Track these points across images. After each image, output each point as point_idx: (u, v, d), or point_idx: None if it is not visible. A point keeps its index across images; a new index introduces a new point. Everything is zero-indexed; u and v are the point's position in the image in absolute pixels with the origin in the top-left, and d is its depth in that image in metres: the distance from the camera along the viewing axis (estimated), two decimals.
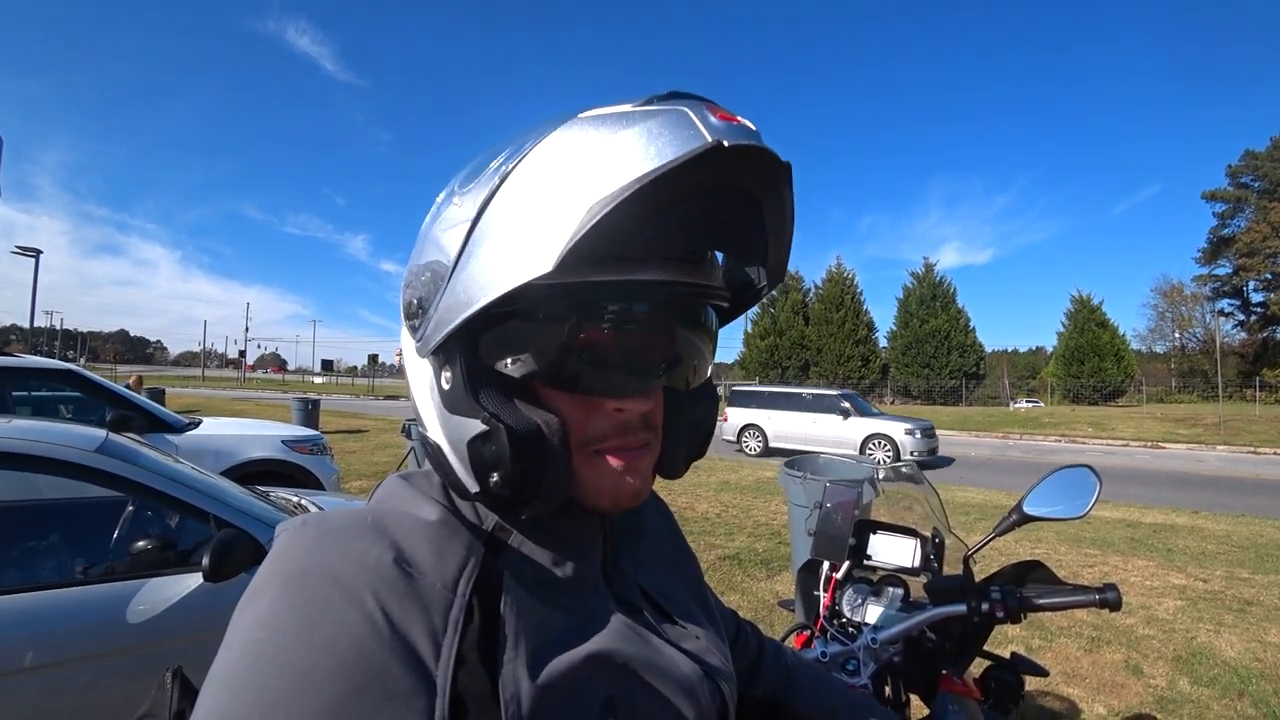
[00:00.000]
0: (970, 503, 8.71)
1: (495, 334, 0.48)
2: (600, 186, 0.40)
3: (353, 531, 0.46)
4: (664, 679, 0.53)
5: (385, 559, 0.44)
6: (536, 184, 0.43)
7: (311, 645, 0.38)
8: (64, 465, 2.17)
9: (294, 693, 0.36)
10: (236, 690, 0.37)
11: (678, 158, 0.39)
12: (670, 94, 0.44)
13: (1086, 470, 1.34)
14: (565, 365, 0.48)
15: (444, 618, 0.43)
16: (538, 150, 0.44)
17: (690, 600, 0.67)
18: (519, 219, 0.43)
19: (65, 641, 1.92)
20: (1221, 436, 21.78)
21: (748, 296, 0.58)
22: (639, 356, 0.50)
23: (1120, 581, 5.18)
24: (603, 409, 0.49)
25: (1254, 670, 3.59)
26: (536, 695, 0.44)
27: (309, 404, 14.57)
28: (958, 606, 1.20)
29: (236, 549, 2.08)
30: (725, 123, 0.42)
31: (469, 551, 0.48)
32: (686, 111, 0.42)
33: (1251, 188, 47.05)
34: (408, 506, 0.51)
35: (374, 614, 0.40)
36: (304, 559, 0.43)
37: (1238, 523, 7.89)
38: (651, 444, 0.53)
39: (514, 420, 0.46)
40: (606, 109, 0.44)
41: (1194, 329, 54.17)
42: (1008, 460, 15.40)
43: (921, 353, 43.49)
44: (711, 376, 0.60)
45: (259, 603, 0.41)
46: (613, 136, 0.41)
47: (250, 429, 5.97)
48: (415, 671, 0.40)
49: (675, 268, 0.48)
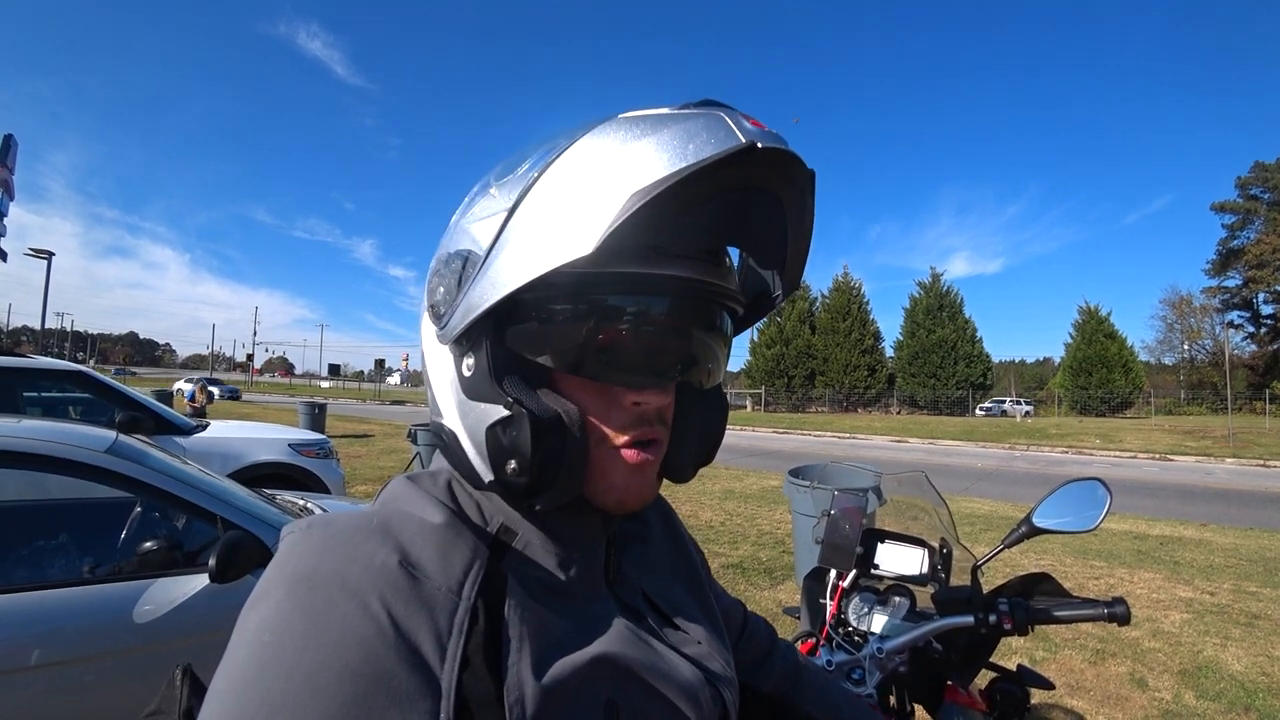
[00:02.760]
0: (976, 513, 8.66)
1: (520, 324, 0.49)
2: (641, 178, 0.42)
3: (358, 534, 0.46)
4: (666, 683, 0.53)
5: (390, 562, 0.44)
6: (577, 175, 0.45)
7: (318, 648, 0.38)
8: (75, 465, 2.19)
9: (301, 696, 0.37)
10: (243, 693, 0.37)
11: (715, 154, 0.42)
12: (705, 101, 0.48)
13: (1097, 483, 1.33)
14: (586, 357, 0.49)
15: (449, 621, 0.43)
16: (579, 145, 0.46)
17: (693, 604, 0.67)
18: (559, 206, 0.44)
19: (72, 640, 1.93)
20: (1230, 449, 21.59)
21: (761, 306, 0.60)
22: (657, 354, 0.51)
23: (1126, 594, 5.14)
24: (621, 402, 0.50)
25: (1260, 685, 3.55)
26: (540, 698, 0.44)
27: (316, 408, 14.63)
28: (965, 618, 1.20)
29: (243, 550, 2.09)
30: (757, 129, 0.44)
31: (474, 554, 0.49)
32: (723, 116, 0.45)
33: (1261, 200, 46.78)
34: (413, 509, 0.51)
35: (380, 617, 0.41)
36: (310, 562, 0.44)
37: (1246, 536, 7.81)
38: (661, 443, 0.54)
39: (536, 406, 0.48)
40: (646, 111, 0.47)
41: (1203, 341, 53.75)
42: (1013, 471, 15.31)
43: (928, 363, 43.26)
44: (723, 384, 0.61)
45: (265, 605, 0.42)
46: (653, 134, 0.43)
47: (257, 432, 5.99)
48: (420, 674, 0.40)
49: (698, 266, 0.50)
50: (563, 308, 0.48)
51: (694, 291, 0.51)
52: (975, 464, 16.92)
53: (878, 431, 28.21)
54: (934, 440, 24.94)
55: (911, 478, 1.59)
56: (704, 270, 0.50)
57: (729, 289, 0.53)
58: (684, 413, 0.56)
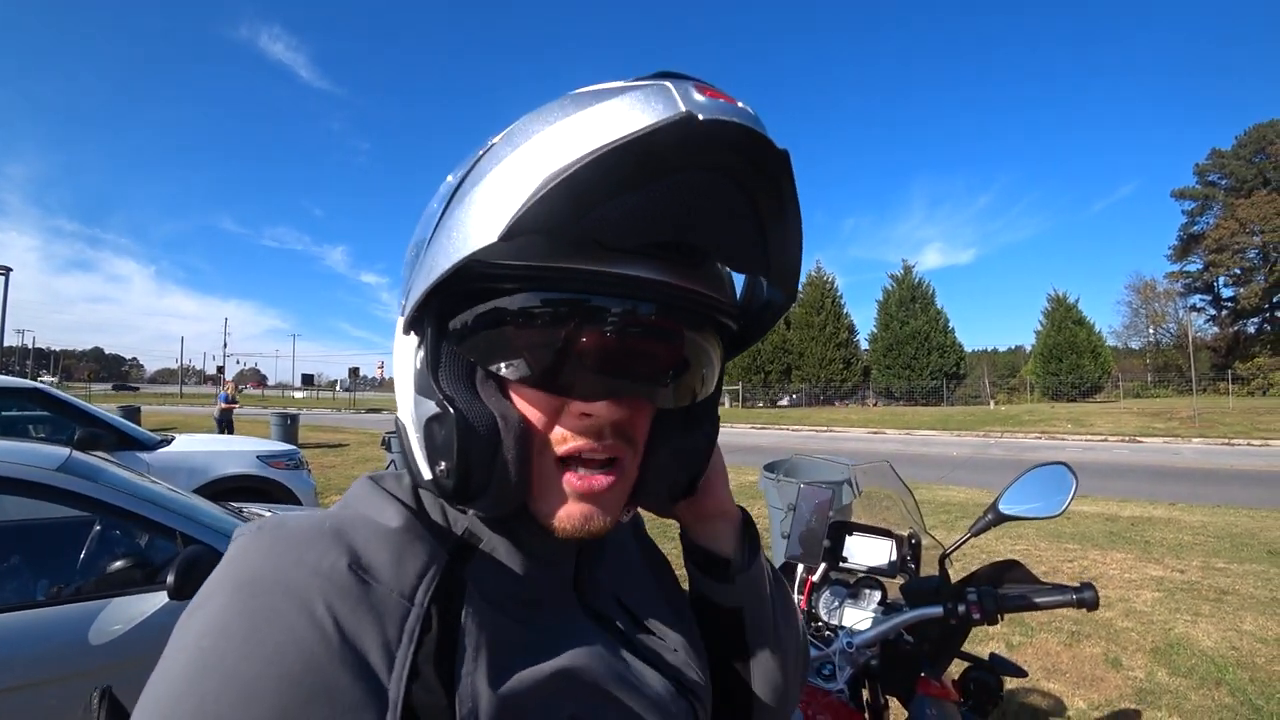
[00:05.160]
0: (952, 501, 8.77)
1: (459, 316, 0.46)
2: (559, 158, 0.38)
3: (309, 537, 0.44)
4: (635, 697, 0.51)
5: (340, 565, 0.42)
6: (506, 158, 0.41)
7: (257, 655, 0.36)
8: (25, 485, 2.14)
9: (236, 704, 0.34)
10: (176, 700, 0.35)
11: (643, 128, 0.37)
12: (659, 73, 0.42)
13: (1063, 468, 1.34)
14: (531, 359, 0.45)
15: (399, 628, 0.41)
16: (514, 125, 0.43)
17: (667, 609, 0.64)
18: (481, 192, 0.41)
19: (28, 664, 1.88)
20: (1196, 429, 22.14)
21: (765, 317, 0.54)
22: (617, 360, 0.45)
23: (1099, 575, 5.24)
24: (569, 411, 0.46)
25: (1230, 659, 3.63)
26: (496, 711, 0.41)
27: (288, 419, 14.45)
28: (934, 609, 1.20)
29: (203, 566, 2.04)
30: (712, 100, 0.39)
31: (431, 559, 0.46)
32: (668, 86, 0.39)
33: (1219, 186, 48.10)
34: (371, 511, 0.48)
35: (324, 623, 0.38)
36: (256, 565, 0.41)
37: (1213, 513, 8.00)
38: (624, 465, 0.49)
39: (466, 405, 0.44)
40: (593, 87, 0.42)
41: (1168, 324, 55.16)
42: (989, 459, 15.54)
43: (902, 354, 43.81)
44: (712, 406, 0.55)
45: (206, 609, 0.39)
46: (586, 110, 0.39)
47: (225, 445, 5.90)
48: (366, 683, 0.37)
49: (655, 265, 0.44)
50: (499, 303, 0.44)
51: (651, 293, 0.44)
52: (951, 453, 17.15)
53: (854, 424, 28.52)
54: (910, 430, 25.25)
55: (876, 468, 1.59)
56: (660, 270, 0.44)
57: (703, 293, 0.46)
58: (659, 435, 0.51)
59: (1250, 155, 46.10)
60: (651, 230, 0.41)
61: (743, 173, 0.41)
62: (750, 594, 0.65)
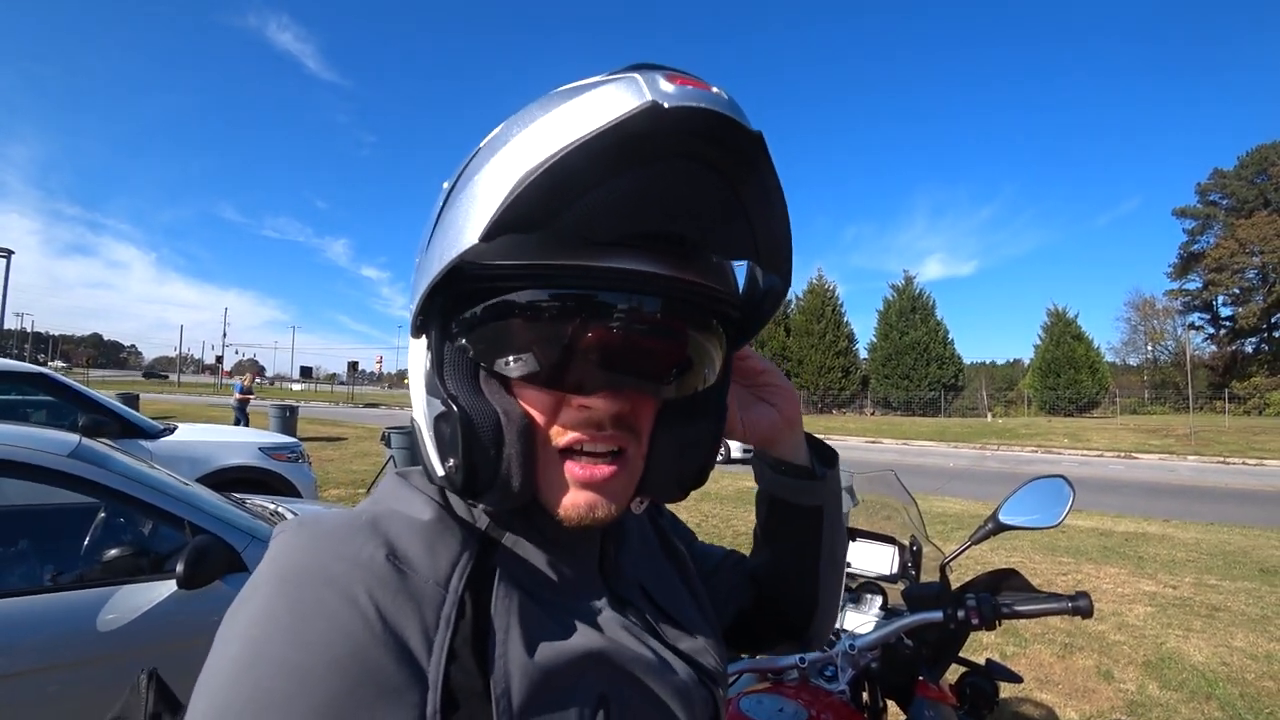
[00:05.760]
0: (948, 512, 8.80)
1: (461, 317, 0.47)
2: (533, 156, 0.39)
3: (347, 531, 0.46)
4: (658, 680, 0.53)
5: (378, 557, 0.44)
6: (489, 160, 0.42)
7: (306, 643, 0.38)
8: (37, 470, 2.14)
9: (290, 689, 0.37)
10: (232, 687, 0.37)
11: (609, 121, 0.37)
12: (632, 65, 0.42)
13: (1061, 480, 1.36)
14: (529, 356, 0.46)
15: (436, 614, 0.43)
16: (499, 128, 0.44)
17: (688, 597, 0.66)
18: (466, 196, 0.43)
19: (34, 650, 1.88)
20: (1192, 447, 22.18)
21: (766, 305, 0.55)
22: (615, 354, 0.46)
23: (1092, 589, 5.26)
24: (568, 403, 0.47)
25: (1221, 674, 3.67)
26: (528, 690, 0.44)
27: (287, 411, 14.39)
28: (934, 614, 1.22)
29: (211, 556, 2.06)
30: (682, 87, 0.39)
31: (462, 548, 0.48)
32: (636, 77, 0.40)
33: (1220, 205, 48.14)
34: (402, 505, 0.51)
35: (367, 611, 0.40)
36: (299, 559, 0.44)
37: (1207, 530, 8.04)
38: (628, 455, 0.50)
39: (469, 403, 0.46)
40: (571, 84, 0.43)
41: (1166, 342, 55.16)
42: (985, 471, 15.55)
43: (901, 364, 43.89)
44: (718, 396, 0.55)
45: (253, 602, 0.41)
46: (559, 108, 0.40)
47: (227, 436, 5.89)
48: (408, 667, 0.40)
49: (656, 259, 0.45)
50: (494, 303, 0.45)
51: (639, 284, 0.45)
52: (948, 464, 17.18)
53: (852, 432, 28.52)
54: (907, 441, 25.27)
55: (881, 476, 1.61)
56: (650, 261, 0.44)
57: (692, 282, 0.46)
58: (664, 426, 0.52)
59: (1252, 176, 46.13)
60: (636, 222, 0.42)
61: (718, 158, 0.41)
62: (829, 495, 0.72)
